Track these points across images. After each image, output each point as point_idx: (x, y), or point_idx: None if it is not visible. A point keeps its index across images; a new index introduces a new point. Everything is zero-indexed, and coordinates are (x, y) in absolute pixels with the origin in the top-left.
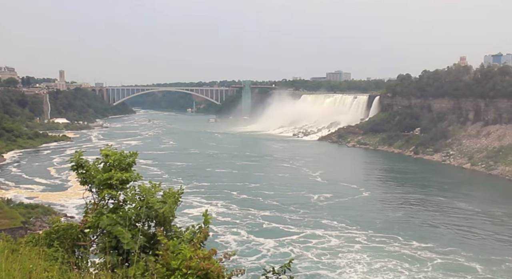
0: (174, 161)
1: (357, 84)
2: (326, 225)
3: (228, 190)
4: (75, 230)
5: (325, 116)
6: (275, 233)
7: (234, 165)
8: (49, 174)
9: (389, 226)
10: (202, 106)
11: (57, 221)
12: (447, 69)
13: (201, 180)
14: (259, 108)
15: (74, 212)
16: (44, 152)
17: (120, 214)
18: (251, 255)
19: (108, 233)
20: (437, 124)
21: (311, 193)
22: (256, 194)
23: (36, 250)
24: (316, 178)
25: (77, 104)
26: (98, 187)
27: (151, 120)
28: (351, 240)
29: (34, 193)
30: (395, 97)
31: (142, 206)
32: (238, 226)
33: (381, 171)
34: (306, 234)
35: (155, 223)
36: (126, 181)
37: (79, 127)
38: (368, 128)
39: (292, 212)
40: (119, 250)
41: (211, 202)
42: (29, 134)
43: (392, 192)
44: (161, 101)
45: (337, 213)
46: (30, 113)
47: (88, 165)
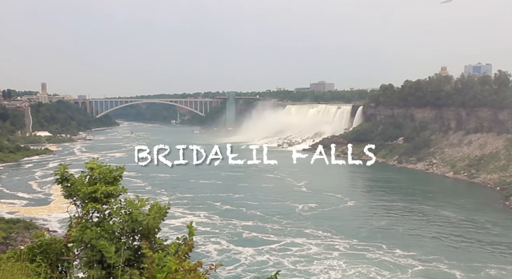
0: (157, 172)
1: (341, 95)
2: (308, 234)
3: (211, 201)
4: (59, 245)
5: (309, 127)
6: (254, 242)
7: (218, 175)
8: (31, 188)
9: (372, 235)
10: (186, 118)
11: (40, 235)
12: (428, 79)
13: (185, 191)
14: (244, 119)
15: (57, 226)
16: (26, 166)
17: (104, 227)
18: (230, 264)
19: (92, 246)
20: (420, 133)
21: (295, 203)
22: (240, 205)
23: (18, 266)
24: (301, 188)
25: (59, 117)
26: (83, 200)
27: (135, 133)
28: (330, 248)
29: (16, 208)
30: (378, 107)
31: (127, 220)
32: (219, 235)
33: (365, 180)
34: (286, 242)
35: (140, 236)
36: (112, 195)
37: (61, 140)
38: (352, 138)
39: (275, 222)
40: (103, 264)
41: (193, 212)
42: (10, 148)
43: (376, 201)
44: (145, 113)
45: (321, 222)
46: (12, 126)
47: (73, 178)
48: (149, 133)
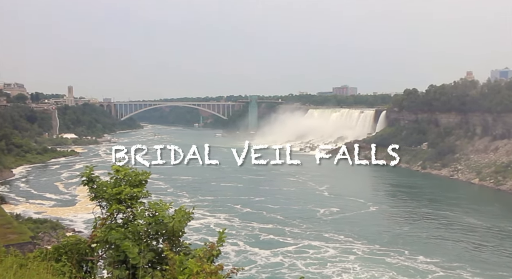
0: (180, 175)
1: (364, 99)
2: (327, 238)
3: (231, 204)
4: (83, 245)
5: (331, 131)
6: (271, 244)
7: (239, 179)
8: (58, 189)
9: (394, 240)
10: (209, 121)
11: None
12: (453, 84)
13: (206, 194)
14: (266, 123)
15: (82, 227)
16: (52, 167)
17: (129, 229)
18: (245, 265)
19: (116, 247)
20: (444, 139)
21: (317, 207)
22: (260, 208)
23: (44, 265)
24: (323, 192)
25: (85, 120)
26: (108, 201)
27: (158, 135)
28: (347, 252)
29: (43, 208)
30: (402, 112)
31: (151, 222)
32: (237, 237)
33: (388, 185)
34: (303, 245)
35: (164, 238)
36: (136, 197)
37: (87, 143)
38: (375, 142)
39: (294, 225)
40: (127, 265)
41: (214, 214)
42: (38, 149)
43: (399, 207)
44: (168, 116)
45: (342, 227)
46: (39, 128)
47: (99, 180)
48: (172, 136)
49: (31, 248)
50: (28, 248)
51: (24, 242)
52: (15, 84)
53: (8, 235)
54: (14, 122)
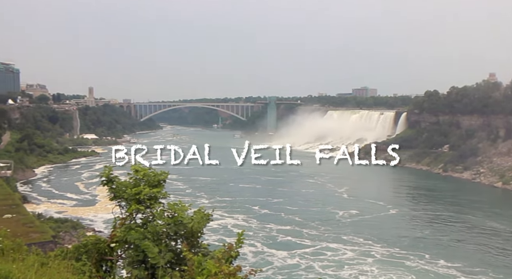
0: (198, 175)
1: (384, 100)
2: (345, 240)
3: (249, 205)
4: (103, 244)
5: (351, 133)
6: (289, 245)
7: (258, 180)
8: (78, 188)
9: (414, 244)
10: (228, 122)
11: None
12: (476, 86)
13: (224, 195)
14: (285, 124)
15: (102, 227)
16: (73, 167)
17: (148, 229)
18: (261, 266)
19: (136, 247)
20: (466, 141)
21: (335, 209)
22: (278, 209)
23: (64, 264)
24: (342, 194)
25: (105, 120)
26: (127, 201)
27: (177, 136)
28: (366, 254)
29: (64, 208)
30: (422, 114)
31: (170, 223)
32: (254, 238)
33: (409, 188)
34: (320, 247)
35: (182, 239)
36: (155, 197)
37: (107, 143)
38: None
39: (312, 227)
40: (146, 265)
41: (232, 215)
42: (59, 149)
43: (420, 210)
44: (188, 117)
45: (361, 229)
46: (61, 129)
47: (118, 180)
48: (191, 137)
49: (52, 247)
50: (49, 247)
51: (46, 241)
52: (38, 85)
53: (30, 234)
54: (36, 123)
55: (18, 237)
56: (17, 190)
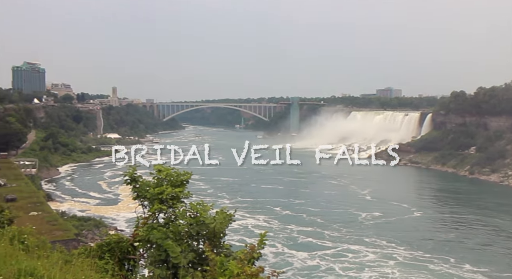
0: (220, 176)
1: (409, 101)
2: (367, 242)
3: (271, 206)
4: (126, 243)
5: (374, 134)
6: (309, 247)
7: (280, 181)
8: (101, 187)
9: (439, 247)
10: (250, 123)
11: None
12: (504, 86)
13: (246, 195)
14: (308, 125)
15: (124, 226)
16: (96, 166)
17: (170, 229)
18: (281, 267)
19: (158, 246)
20: (494, 143)
21: (358, 211)
22: (300, 210)
23: (88, 262)
24: (365, 196)
25: (128, 120)
26: (150, 201)
27: (199, 136)
28: (388, 257)
29: (87, 206)
30: (448, 115)
31: (192, 223)
32: (275, 239)
33: (434, 190)
34: (341, 249)
35: (204, 239)
36: (177, 197)
37: (130, 142)
38: (420, 146)
39: (334, 229)
40: (168, 264)
41: (253, 216)
42: (83, 148)
43: (445, 213)
44: (210, 117)
45: (384, 232)
46: (84, 128)
47: (141, 180)
48: (213, 137)
49: (75, 245)
50: (72, 245)
51: (69, 238)
52: (62, 84)
53: (54, 231)
54: (61, 122)
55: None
56: (41, 188)
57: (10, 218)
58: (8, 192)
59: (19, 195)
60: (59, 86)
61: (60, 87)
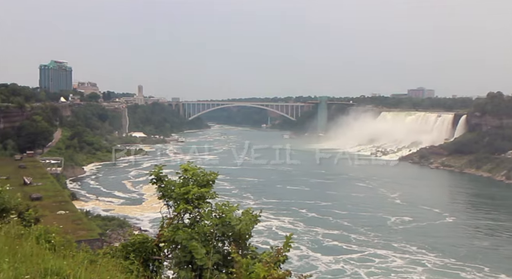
0: (245, 176)
1: (442, 102)
2: (395, 248)
3: (296, 207)
4: (151, 244)
5: (405, 135)
6: (335, 250)
7: (306, 182)
8: (125, 187)
9: (472, 255)
10: (277, 122)
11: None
12: None
13: (270, 196)
14: (336, 125)
15: (148, 226)
16: (121, 165)
17: (196, 230)
18: (305, 270)
19: (183, 247)
20: None
21: (387, 215)
22: (326, 213)
23: (113, 262)
24: (394, 200)
25: (154, 119)
26: (175, 201)
27: (225, 135)
28: (416, 263)
29: (111, 206)
30: (484, 117)
31: (218, 224)
32: (300, 241)
33: (467, 195)
34: (368, 253)
35: (230, 240)
36: (203, 197)
37: (155, 141)
38: (453, 149)
39: (361, 233)
40: (193, 266)
41: (278, 218)
42: (108, 147)
43: (480, 219)
44: (236, 116)
45: (413, 237)
46: (110, 127)
47: (167, 179)
48: (239, 137)
49: (99, 245)
50: (96, 245)
51: (93, 238)
52: (89, 83)
53: (78, 231)
54: (86, 121)
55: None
56: (66, 187)
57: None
58: (34, 191)
59: (45, 194)
60: (85, 85)
61: (86, 85)
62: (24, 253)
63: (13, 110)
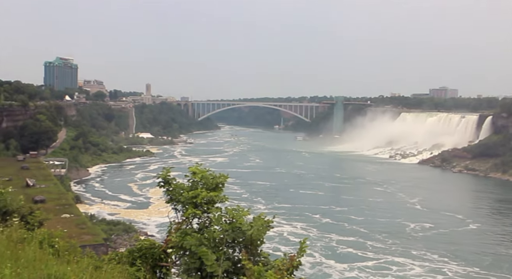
0: (257, 180)
1: (466, 102)
2: (414, 255)
3: (310, 213)
4: (158, 250)
5: (427, 138)
6: (349, 257)
7: (321, 186)
8: (131, 190)
9: (498, 264)
10: (290, 123)
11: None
12: None
13: (283, 201)
14: (352, 126)
15: (154, 231)
16: (127, 167)
17: (205, 235)
18: (318, 278)
19: (192, 253)
20: None
21: (406, 221)
22: (341, 219)
23: (119, 268)
24: (414, 205)
25: (162, 119)
26: (183, 205)
27: (235, 137)
28: (436, 271)
29: (116, 210)
30: (511, 118)
31: (228, 229)
32: (313, 248)
33: (492, 200)
34: (385, 261)
35: (241, 247)
36: (212, 201)
37: (162, 143)
38: (477, 152)
39: (378, 240)
40: (201, 273)
41: (290, 223)
42: (114, 149)
43: (506, 225)
44: (247, 117)
45: (434, 244)
46: (116, 127)
47: (175, 182)
48: (250, 139)
49: (104, 250)
50: (101, 250)
51: (97, 243)
52: (95, 81)
53: (82, 235)
54: (92, 120)
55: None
56: (70, 189)
57: (40, 220)
58: (37, 193)
59: (48, 196)
60: (91, 83)
61: (92, 84)
62: (27, 258)
63: (16, 109)
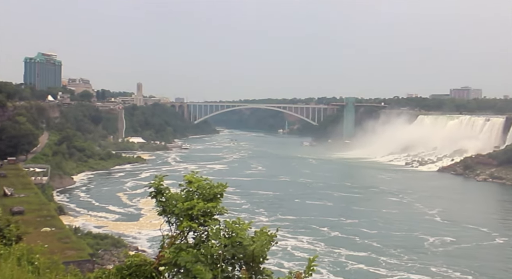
0: (259, 189)
1: (491, 104)
2: (433, 272)
3: (317, 225)
4: (149, 267)
5: (447, 143)
6: (359, 274)
7: (329, 196)
8: (120, 200)
9: None
10: (295, 127)
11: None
12: None
13: (287, 212)
14: (364, 130)
15: (146, 245)
16: (116, 175)
17: (201, 251)
18: None
19: (187, 271)
20: None
21: (424, 235)
22: (352, 232)
23: None
24: (433, 217)
25: (154, 122)
26: (178, 217)
27: (235, 142)
28: None
29: (104, 222)
30: None
31: (227, 244)
32: (320, 263)
33: None
34: (400, 278)
35: (241, 264)
36: (210, 213)
37: (155, 148)
38: (504, 158)
39: (393, 255)
40: None
41: (295, 236)
42: (101, 154)
43: None
44: (249, 120)
45: (456, 261)
46: (103, 131)
47: (168, 192)
48: (252, 144)
49: (90, 267)
50: (86, 267)
51: (83, 259)
52: (81, 79)
53: (66, 250)
54: (77, 123)
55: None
56: (53, 199)
57: (19, 234)
58: (15, 203)
59: (27, 207)
60: (76, 82)
61: (77, 82)
62: (4, 276)
63: None
